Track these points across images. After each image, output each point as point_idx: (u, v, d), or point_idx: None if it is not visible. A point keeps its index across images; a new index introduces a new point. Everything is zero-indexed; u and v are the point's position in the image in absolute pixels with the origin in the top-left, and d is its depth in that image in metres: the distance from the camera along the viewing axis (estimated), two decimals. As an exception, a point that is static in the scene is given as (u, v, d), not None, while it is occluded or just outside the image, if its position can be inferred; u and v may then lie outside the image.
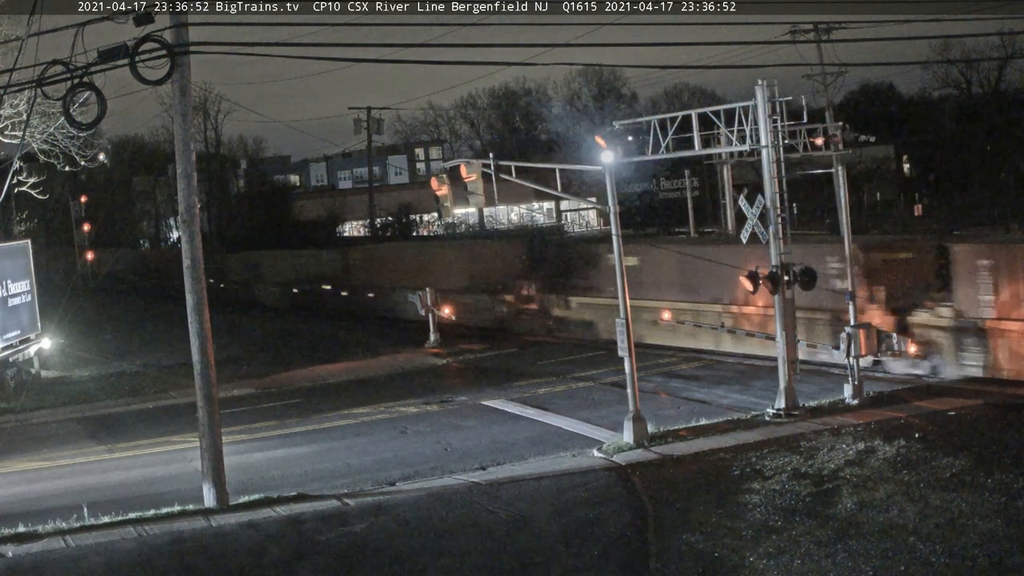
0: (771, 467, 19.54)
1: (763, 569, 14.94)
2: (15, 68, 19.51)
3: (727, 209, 34.02)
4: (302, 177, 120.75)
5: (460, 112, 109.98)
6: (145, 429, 27.58)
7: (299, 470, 22.23)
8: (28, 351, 34.58)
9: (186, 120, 19.50)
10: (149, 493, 20.72)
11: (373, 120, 72.28)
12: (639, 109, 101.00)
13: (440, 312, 39.31)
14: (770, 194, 23.78)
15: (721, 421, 23.55)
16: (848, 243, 25.63)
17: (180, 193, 19.61)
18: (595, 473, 20.44)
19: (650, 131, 24.75)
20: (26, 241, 37.41)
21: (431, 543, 16.94)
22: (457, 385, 31.34)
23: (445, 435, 24.68)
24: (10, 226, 46.46)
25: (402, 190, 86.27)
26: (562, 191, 29.85)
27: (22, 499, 21.19)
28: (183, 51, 18.79)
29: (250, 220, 78.98)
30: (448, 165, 30.89)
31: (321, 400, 30.21)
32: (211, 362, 19.62)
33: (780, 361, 23.74)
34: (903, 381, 26.36)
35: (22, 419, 29.26)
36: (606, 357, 30.42)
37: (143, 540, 17.72)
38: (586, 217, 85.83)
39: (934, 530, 15.70)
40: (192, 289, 19.53)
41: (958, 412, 22.60)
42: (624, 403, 22.50)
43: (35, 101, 24.70)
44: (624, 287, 22.84)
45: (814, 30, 49.77)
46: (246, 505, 19.32)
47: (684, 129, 24.61)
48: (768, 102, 23.54)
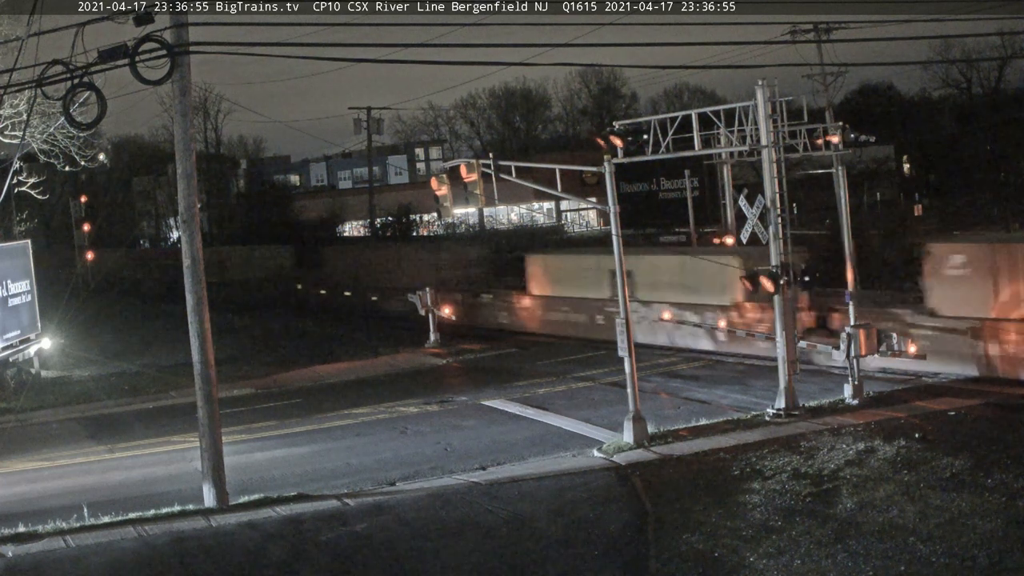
0: (771, 467, 19.55)
1: (763, 569, 14.94)
2: (15, 68, 19.50)
3: (727, 209, 34.02)
4: (302, 177, 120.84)
5: (460, 112, 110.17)
6: (145, 429, 27.58)
7: (299, 470, 22.23)
8: (28, 351, 34.58)
9: (186, 120, 19.50)
10: (149, 493, 20.72)
11: (373, 120, 72.19)
12: (639, 109, 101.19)
13: (440, 312, 39.32)
14: (770, 194, 23.79)
15: (721, 421, 23.56)
16: (848, 243, 25.64)
17: (180, 193, 19.61)
18: (595, 473, 20.44)
19: (650, 131, 24.76)
20: (26, 241, 37.37)
21: (431, 543, 16.94)
22: (457, 385, 31.34)
23: (445, 435, 24.68)
24: (10, 226, 46.43)
25: (402, 190, 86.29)
26: (562, 191, 29.83)
27: (22, 499, 21.18)
28: (183, 51, 18.79)
29: (249, 220, 79.12)
30: (448, 165, 30.86)
31: (321, 400, 30.22)
32: (211, 362, 19.62)
33: (780, 361, 23.74)
34: (903, 381, 26.39)
35: (22, 419, 29.26)
36: (606, 357, 30.41)
37: (143, 540, 17.72)
38: (586, 217, 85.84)
39: (934, 530, 15.70)
40: (192, 289, 19.53)
41: (958, 412, 22.61)
42: (624, 403, 22.51)
43: (35, 101, 24.75)
44: (624, 287, 22.84)
45: (814, 30, 49.70)
46: (246, 505, 19.33)
47: (684, 129, 24.61)
48: (768, 102, 23.57)
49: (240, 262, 70.67)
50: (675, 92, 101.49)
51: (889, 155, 72.85)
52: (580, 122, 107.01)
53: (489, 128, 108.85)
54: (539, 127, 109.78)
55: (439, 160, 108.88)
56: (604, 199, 23.15)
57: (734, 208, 33.48)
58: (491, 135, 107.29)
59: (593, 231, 76.09)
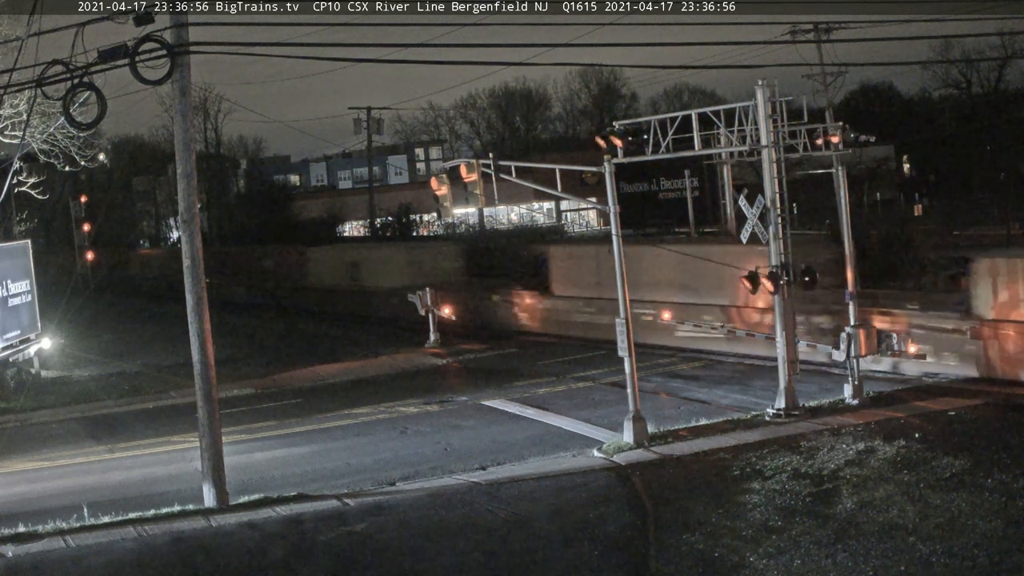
0: (771, 467, 19.55)
1: (763, 569, 14.94)
2: (15, 68, 19.53)
3: (727, 209, 34.01)
4: (302, 177, 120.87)
5: (460, 112, 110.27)
6: (145, 429, 27.57)
7: (299, 470, 22.23)
8: (28, 351, 34.55)
9: (186, 120, 19.50)
10: (149, 493, 20.72)
11: (373, 120, 72.36)
12: (639, 109, 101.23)
13: (440, 312, 39.27)
14: (770, 194, 23.78)
15: (721, 421, 23.55)
16: (848, 243, 25.62)
17: (180, 193, 19.61)
18: (595, 473, 20.44)
19: (650, 131, 24.75)
20: (26, 241, 37.34)
21: (431, 543, 16.94)
22: (457, 385, 31.34)
23: (445, 435, 24.68)
24: (10, 226, 46.35)
25: (402, 190, 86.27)
26: (562, 191, 29.83)
27: (22, 499, 21.18)
28: (183, 51, 18.79)
29: (249, 220, 79.13)
30: (448, 165, 30.90)
31: (321, 400, 30.22)
32: (211, 362, 19.62)
33: (780, 361, 23.74)
34: (903, 381, 26.39)
35: (22, 419, 29.26)
36: (606, 357, 30.40)
37: (143, 540, 17.72)
38: (586, 217, 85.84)
39: (934, 530, 15.70)
40: (192, 289, 19.53)
41: (958, 412, 22.61)
42: (624, 403, 22.50)
43: (35, 101, 24.75)
44: (624, 287, 22.82)
45: (814, 30, 49.82)
46: (246, 505, 19.32)
47: (684, 129, 24.60)
48: (768, 102, 23.55)
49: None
50: (675, 92, 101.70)
51: (889, 155, 72.91)
52: (580, 122, 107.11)
53: (489, 128, 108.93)
54: (539, 127, 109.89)
55: (439, 160, 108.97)
56: (604, 199, 23.14)
57: (734, 208, 33.42)
58: (491, 135, 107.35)
59: (593, 231, 76.08)
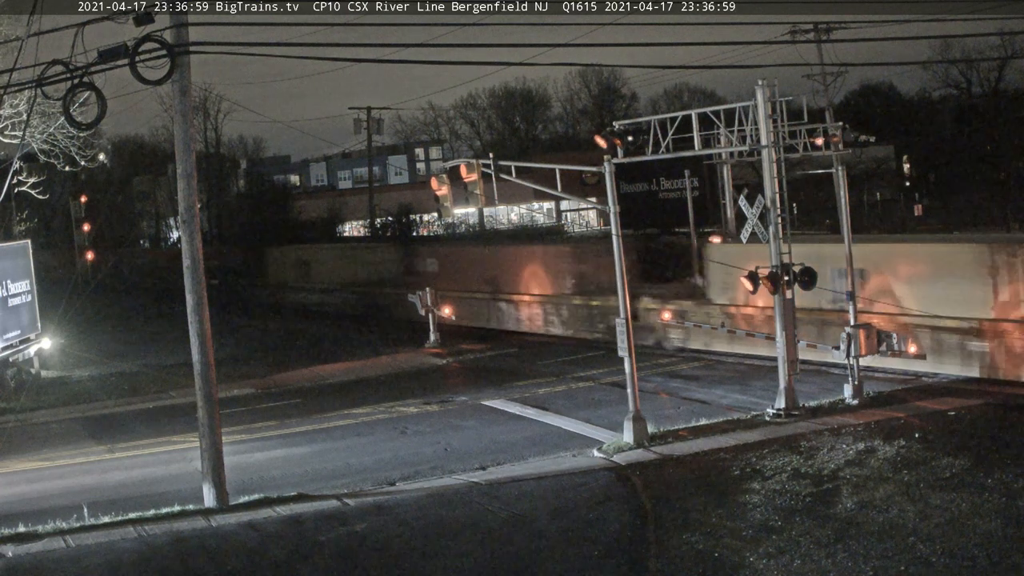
0: (771, 467, 19.55)
1: (763, 569, 14.94)
2: (15, 68, 19.51)
3: (727, 209, 34.03)
4: (302, 177, 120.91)
5: (460, 112, 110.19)
6: (145, 429, 27.58)
7: (299, 470, 22.23)
8: (28, 351, 34.57)
9: (186, 120, 19.50)
10: (149, 493, 20.72)
11: (373, 120, 72.30)
12: (639, 109, 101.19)
13: (440, 312, 39.26)
14: (770, 194, 23.78)
15: (721, 421, 23.55)
16: (848, 243, 25.62)
17: (180, 193, 19.61)
18: (595, 473, 20.44)
19: (650, 131, 24.76)
20: (26, 241, 37.35)
21: (431, 543, 16.94)
22: (457, 385, 31.34)
23: (445, 435, 24.68)
24: (10, 226, 46.38)
25: (402, 190, 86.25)
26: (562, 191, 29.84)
27: (22, 499, 21.19)
28: (183, 51, 18.79)
29: (250, 220, 79.11)
30: (448, 165, 30.88)
31: (321, 400, 30.21)
32: (211, 362, 19.62)
33: (780, 361, 23.73)
34: (903, 381, 26.40)
35: (22, 419, 29.26)
36: (606, 357, 30.42)
37: (143, 540, 17.72)
38: (586, 217, 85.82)
39: (934, 530, 15.70)
40: (192, 289, 19.52)
41: (958, 412, 22.61)
42: (624, 403, 22.50)
43: (35, 101, 24.74)
44: (624, 287, 22.83)
45: (814, 30, 49.76)
46: (246, 505, 19.32)
47: (684, 129, 24.61)
48: (768, 102, 23.56)
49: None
50: (675, 92, 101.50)
51: (889, 155, 72.83)
52: (580, 122, 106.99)
53: (489, 128, 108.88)
54: (539, 127, 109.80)
55: (439, 160, 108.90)
56: (604, 199, 23.14)
57: (734, 208, 33.48)
58: (491, 135, 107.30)
59: (593, 231, 76.03)
